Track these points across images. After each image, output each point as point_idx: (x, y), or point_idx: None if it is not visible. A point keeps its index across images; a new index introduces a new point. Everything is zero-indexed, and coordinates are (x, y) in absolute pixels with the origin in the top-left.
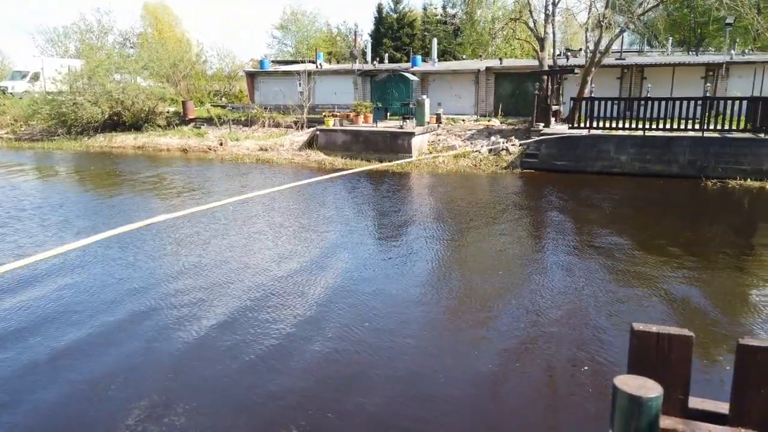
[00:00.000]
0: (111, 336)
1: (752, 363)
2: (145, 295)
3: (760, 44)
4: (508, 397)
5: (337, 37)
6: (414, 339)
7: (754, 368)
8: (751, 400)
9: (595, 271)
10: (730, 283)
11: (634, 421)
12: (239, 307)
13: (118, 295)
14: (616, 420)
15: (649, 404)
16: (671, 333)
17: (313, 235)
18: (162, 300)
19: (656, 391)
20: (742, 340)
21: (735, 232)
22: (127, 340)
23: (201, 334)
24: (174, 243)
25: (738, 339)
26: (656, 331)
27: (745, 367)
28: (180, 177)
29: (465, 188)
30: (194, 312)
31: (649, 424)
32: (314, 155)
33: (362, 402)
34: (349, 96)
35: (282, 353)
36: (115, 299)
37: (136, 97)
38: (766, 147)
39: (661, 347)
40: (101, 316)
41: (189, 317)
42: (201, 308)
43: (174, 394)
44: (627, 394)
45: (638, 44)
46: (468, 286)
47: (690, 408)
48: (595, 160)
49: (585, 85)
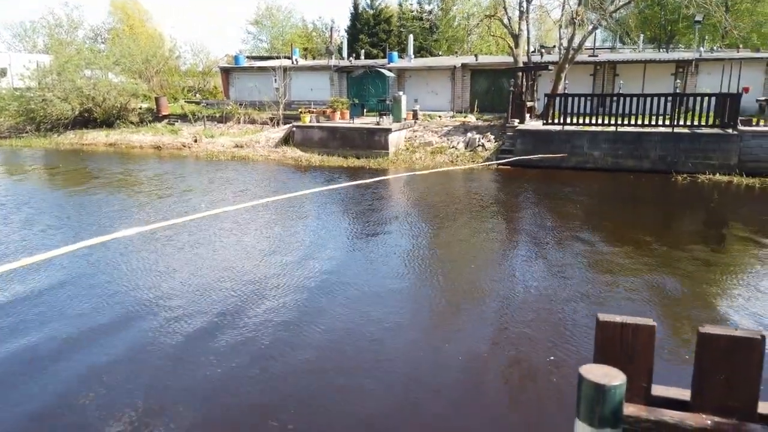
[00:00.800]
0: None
1: (711, 350)
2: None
3: (728, 41)
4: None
5: (312, 32)
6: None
7: (713, 355)
8: (711, 387)
9: (569, 261)
10: (697, 272)
11: (598, 408)
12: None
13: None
14: (582, 407)
15: (613, 392)
16: (634, 323)
17: (293, 228)
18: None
19: (620, 379)
20: (702, 329)
21: (704, 225)
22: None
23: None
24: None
25: (698, 327)
26: (620, 321)
27: (705, 355)
28: (153, 176)
29: (442, 184)
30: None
31: (613, 411)
32: (291, 152)
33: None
34: (325, 92)
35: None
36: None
37: (108, 93)
38: (733, 142)
39: (625, 337)
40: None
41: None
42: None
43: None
44: (591, 382)
45: (611, 41)
46: (445, 282)
47: (653, 395)
48: (570, 155)
49: (559, 81)
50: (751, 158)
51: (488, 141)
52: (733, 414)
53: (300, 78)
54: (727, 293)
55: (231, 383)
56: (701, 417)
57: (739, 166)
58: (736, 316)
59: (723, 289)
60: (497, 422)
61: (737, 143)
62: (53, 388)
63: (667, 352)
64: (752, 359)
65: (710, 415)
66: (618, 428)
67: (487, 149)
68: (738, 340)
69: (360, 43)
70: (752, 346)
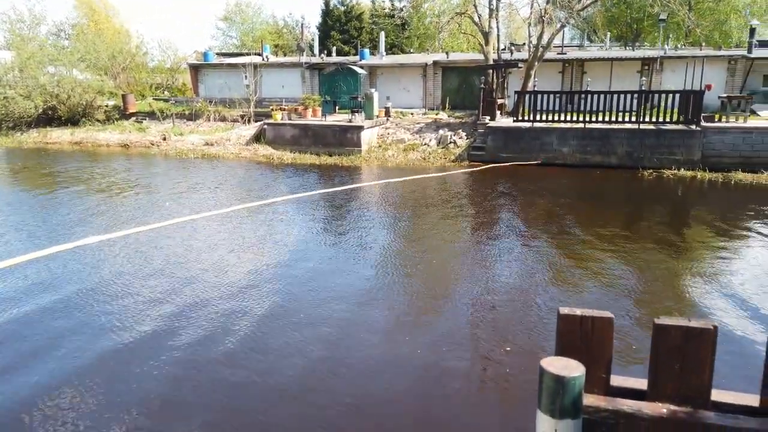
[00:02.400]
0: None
1: (666, 341)
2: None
3: (692, 39)
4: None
5: (283, 29)
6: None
7: (668, 346)
8: (667, 376)
9: (537, 253)
10: (660, 263)
11: (558, 399)
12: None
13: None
14: (543, 399)
15: (572, 383)
16: (593, 315)
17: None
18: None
19: (579, 371)
20: (657, 320)
21: (668, 219)
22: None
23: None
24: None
25: (654, 319)
26: (580, 314)
27: (660, 345)
28: (121, 175)
29: (414, 181)
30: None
31: (573, 401)
32: (262, 150)
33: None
34: (296, 89)
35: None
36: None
37: (72, 90)
38: (696, 138)
39: (585, 329)
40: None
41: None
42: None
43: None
44: (552, 374)
45: (578, 39)
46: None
47: (612, 386)
48: (539, 152)
49: (528, 79)
50: (714, 154)
51: (460, 138)
52: (687, 402)
53: (271, 75)
54: (686, 281)
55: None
56: (657, 405)
57: (702, 161)
58: (699, 301)
59: (684, 276)
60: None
61: (700, 139)
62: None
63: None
64: (705, 349)
65: (666, 404)
66: (578, 418)
67: (459, 146)
68: (691, 331)
69: (331, 40)
70: (705, 337)
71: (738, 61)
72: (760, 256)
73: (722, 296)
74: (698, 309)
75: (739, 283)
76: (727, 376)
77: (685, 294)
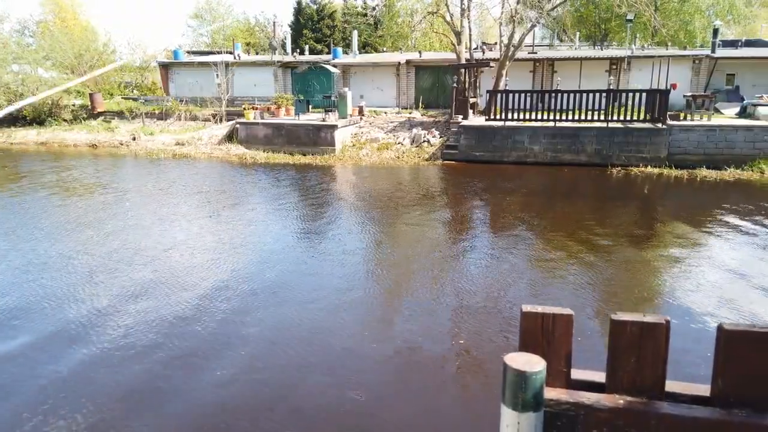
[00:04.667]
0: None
1: (623, 336)
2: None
3: (658, 39)
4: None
5: (255, 27)
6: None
7: (624, 340)
8: (623, 369)
9: (508, 250)
10: (628, 258)
11: (521, 393)
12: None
13: None
14: (507, 393)
15: (534, 377)
16: (554, 313)
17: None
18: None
19: (540, 366)
20: (614, 316)
21: (635, 215)
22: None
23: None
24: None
25: (611, 315)
26: (541, 311)
27: (617, 340)
28: (88, 178)
29: (389, 180)
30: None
31: (535, 395)
32: (235, 149)
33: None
34: (269, 88)
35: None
36: None
37: (38, 89)
38: (663, 136)
39: (546, 326)
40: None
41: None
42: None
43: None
44: (514, 369)
45: (549, 39)
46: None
47: (572, 379)
48: (511, 150)
49: (500, 78)
50: (679, 151)
51: (433, 137)
52: (643, 393)
53: (243, 74)
54: (651, 273)
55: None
56: (615, 397)
57: (668, 158)
58: (661, 292)
59: (649, 268)
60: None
61: (666, 137)
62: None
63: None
64: (658, 342)
65: (623, 395)
66: (539, 411)
67: (433, 145)
68: (646, 325)
69: (304, 39)
70: (658, 331)
71: (702, 60)
72: (720, 250)
73: (681, 288)
74: (658, 300)
75: (698, 274)
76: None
77: (648, 284)
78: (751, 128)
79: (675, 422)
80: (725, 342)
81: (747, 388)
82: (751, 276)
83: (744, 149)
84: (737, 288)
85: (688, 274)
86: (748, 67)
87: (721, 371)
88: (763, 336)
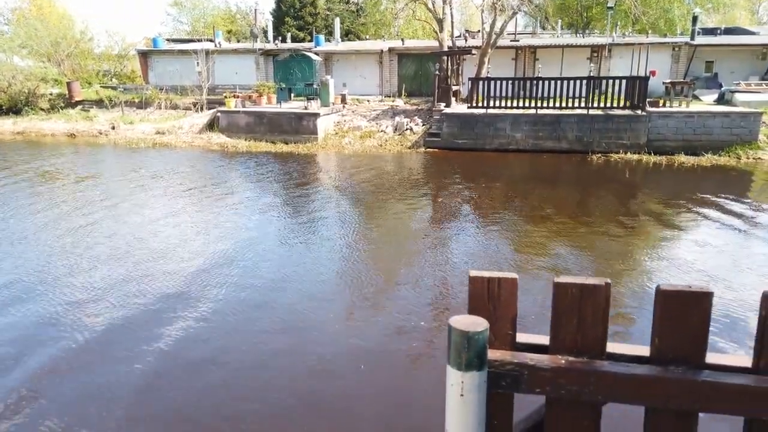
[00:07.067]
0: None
1: (564, 298)
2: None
3: (639, 27)
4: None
5: (236, 15)
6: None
7: (566, 302)
8: (565, 330)
9: (491, 235)
10: (602, 239)
11: (464, 353)
12: None
13: None
14: (451, 354)
15: (476, 338)
16: (499, 277)
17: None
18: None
19: (483, 326)
20: (556, 279)
21: (614, 200)
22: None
23: None
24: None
25: (553, 278)
26: (487, 276)
27: (559, 302)
28: (70, 167)
29: (371, 167)
30: None
31: (477, 354)
32: (216, 138)
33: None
34: (250, 76)
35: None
36: None
37: (13, 78)
38: (642, 122)
39: (492, 290)
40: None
41: None
42: None
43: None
44: (458, 330)
45: (531, 26)
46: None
47: (517, 342)
48: (493, 137)
49: (482, 65)
50: (658, 137)
51: (416, 125)
52: (584, 354)
53: (224, 62)
54: (626, 254)
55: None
56: (557, 358)
57: (647, 145)
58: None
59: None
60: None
61: (646, 123)
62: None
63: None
64: (599, 304)
65: (564, 355)
66: (483, 370)
67: (415, 132)
68: (586, 288)
69: (286, 26)
70: (598, 292)
71: (681, 48)
72: (694, 232)
73: (659, 264)
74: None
75: (673, 253)
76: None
77: (625, 262)
78: (729, 114)
79: (614, 380)
80: (662, 302)
81: (682, 346)
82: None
83: (721, 135)
84: (714, 263)
85: (663, 252)
86: (727, 54)
87: (659, 331)
88: (697, 295)
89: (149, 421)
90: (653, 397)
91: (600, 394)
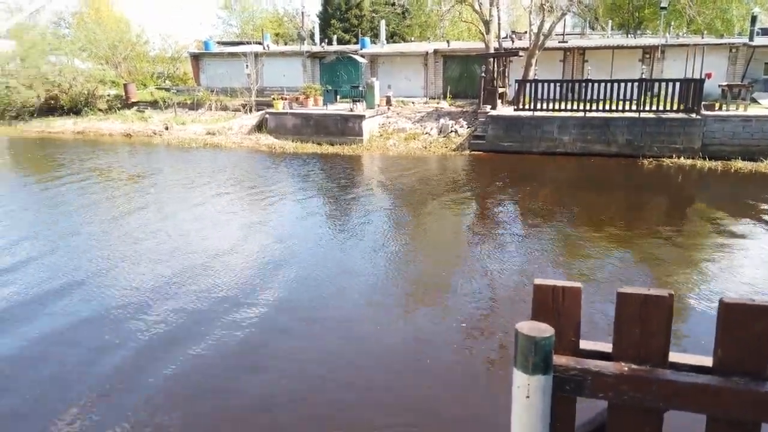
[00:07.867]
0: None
1: (628, 308)
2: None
3: (694, 28)
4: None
5: (283, 18)
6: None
7: (629, 312)
8: (628, 339)
9: (540, 240)
10: (658, 248)
11: (531, 358)
12: None
13: None
14: (518, 358)
15: (543, 343)
16: (564, 286)
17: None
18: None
19: (549, 332)
20: (620, 289)
21: (668, 207)
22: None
23: None
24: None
25: (617, 289)
26: (552, 284)
27: (623, 312)
28: (130, 166)
29: (416, 170)
30: None
31: (544, 359)
32: (264, 139)
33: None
34: (297, 78)
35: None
36: None
37: (74, 79)
38: (697, 126)
39: (556, 298)
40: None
41: None
42: None
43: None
44: (525, 335)
45: (581, 27)
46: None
47: (581, 349)
48: (540, 140)
49: (529, 67)
50: (714, 142)
51: (461, 127)
52: (647, 362)
53: (272, 64)
54: (685, 264)
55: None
56: (620, 365)
57: (702, 149)
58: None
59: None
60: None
61: (700, 127)
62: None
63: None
64: (662, 315)
65: (627, 363)
66: (548, 374)
67: (460, 135)
68: (650, 298)
69: (332, 29)
70: (662, 303)
71: (739, 49)
72: (757, 244)
73: (721, 280)
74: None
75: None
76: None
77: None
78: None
79: (676, 388)
80: (725, 315)
81: (745, 357)
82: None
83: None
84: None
85: (724, 263)
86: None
87: (721, 342)
88: (760, 309)
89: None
90: (715, 406)
91: (662, 402)
